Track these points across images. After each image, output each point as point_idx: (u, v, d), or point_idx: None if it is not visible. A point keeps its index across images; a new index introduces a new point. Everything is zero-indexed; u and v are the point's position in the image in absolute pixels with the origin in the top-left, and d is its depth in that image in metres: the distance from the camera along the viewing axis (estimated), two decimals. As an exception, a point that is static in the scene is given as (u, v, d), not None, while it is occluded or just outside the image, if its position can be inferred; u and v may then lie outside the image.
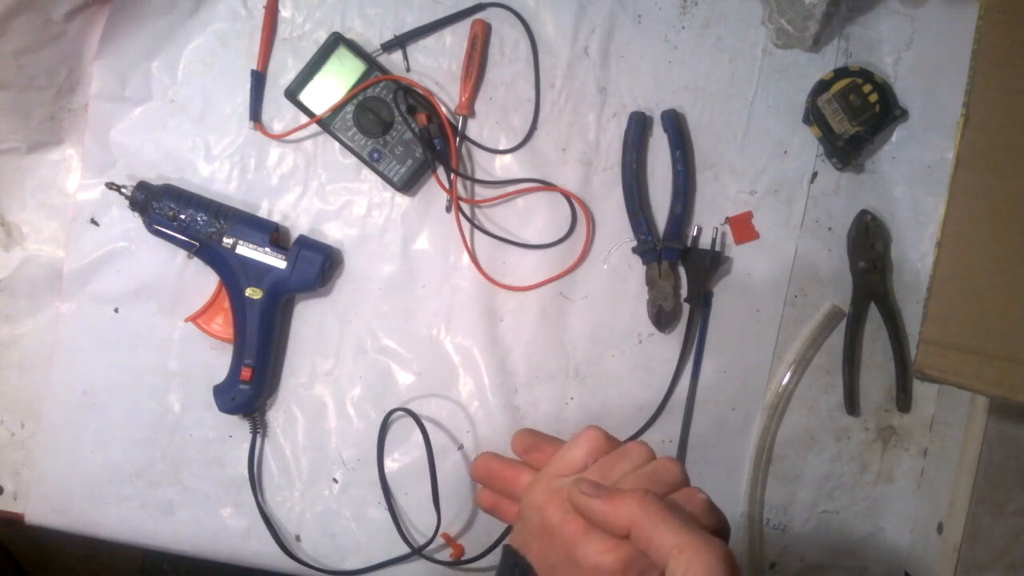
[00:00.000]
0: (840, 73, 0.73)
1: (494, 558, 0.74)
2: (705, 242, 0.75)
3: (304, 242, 0.75)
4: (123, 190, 0.74)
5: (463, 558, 0.74)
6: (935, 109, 0.74)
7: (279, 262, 0.73)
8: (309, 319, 0.78)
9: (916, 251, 0.75)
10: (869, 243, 0.74)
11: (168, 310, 0.77)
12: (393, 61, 0.76)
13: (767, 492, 0.76)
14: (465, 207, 0.76)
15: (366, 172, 0.76)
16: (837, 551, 0.76)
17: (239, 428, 0.77)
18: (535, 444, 0.51)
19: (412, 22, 0.76)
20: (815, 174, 0.75)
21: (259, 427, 0.76)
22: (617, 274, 0.76)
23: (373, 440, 0.76)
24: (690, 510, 0.40)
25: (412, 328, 0.77)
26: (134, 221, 0.76)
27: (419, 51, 0.76)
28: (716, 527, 0.40)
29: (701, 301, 0.75)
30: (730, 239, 0.76)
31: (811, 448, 0.76)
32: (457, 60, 0.76)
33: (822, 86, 0.73)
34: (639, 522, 0.38)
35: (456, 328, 0.77)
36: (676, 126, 0.74)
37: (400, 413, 0.76)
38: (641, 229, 0.74)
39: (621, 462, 0.44)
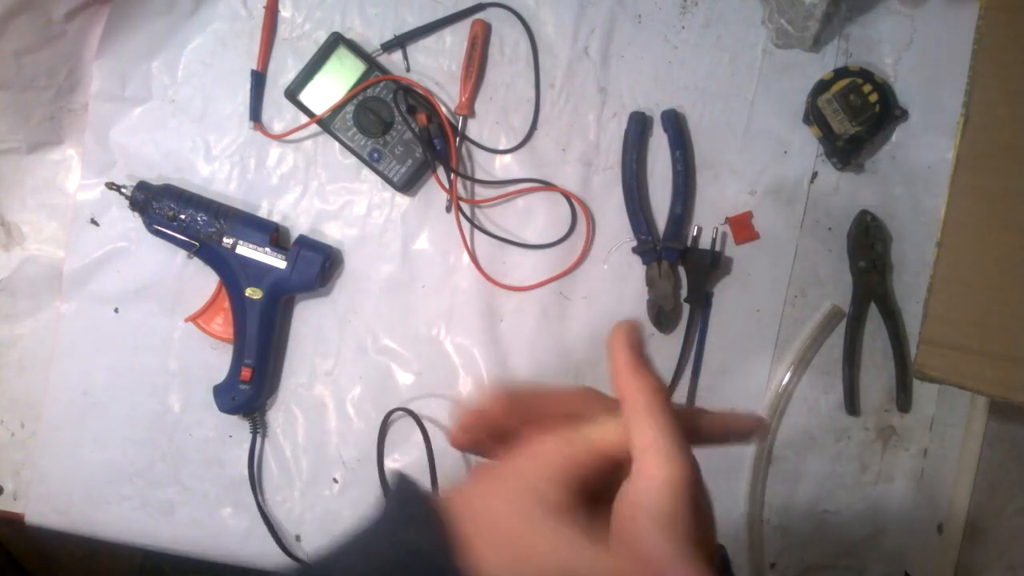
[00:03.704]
0: (840, 73, 0.73)
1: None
2: (705, 242, 0.75)
3: (304, 242, 0.75)
4: (123, 190, 0.74)
5: (463, 558, 0.74)
6: (935, 109, 0.74)
7: (279, 262, 0.73)
8: (309, 319, 0.78)
9: (916, 251, 0.75)
10: (869, 243, 0.73)
11: (168, 310, 0.77)
12: (393, 61, 0.76)
13: (767, 492, 0.76)
14: (465, 207, 0.76)
15: (366, 172, 0.76)
16: (837, 551, 0.76)
17: (239, 428, 0.77)
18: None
19: (412, 22, 0.76)
20: (815, 174, 0.75)
21: (259, 427, 0.76)
22: (617, 274, 0.76)
23: (373, 440, 0.76)
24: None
25: (412, 328, 0.77)
26: (134, 221, 0.76)
27: (419, 51, 0.76)
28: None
29: (701, 301, 0.75)
30: (730, 239, 0.76)
31: (811, 448, 0.76)
32: (457, 60, 0.76)
33: (822, 86, 0.73)
34: (638, 404, 0.35)
35: (456, 328, 0.77)
36: (676, 126, 0.74)
37: (400, 413, 0.76)
38: (641, 229, 0.74)
39: None
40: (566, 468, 0.35)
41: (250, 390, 0.74)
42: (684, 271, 0.75)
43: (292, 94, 0.75)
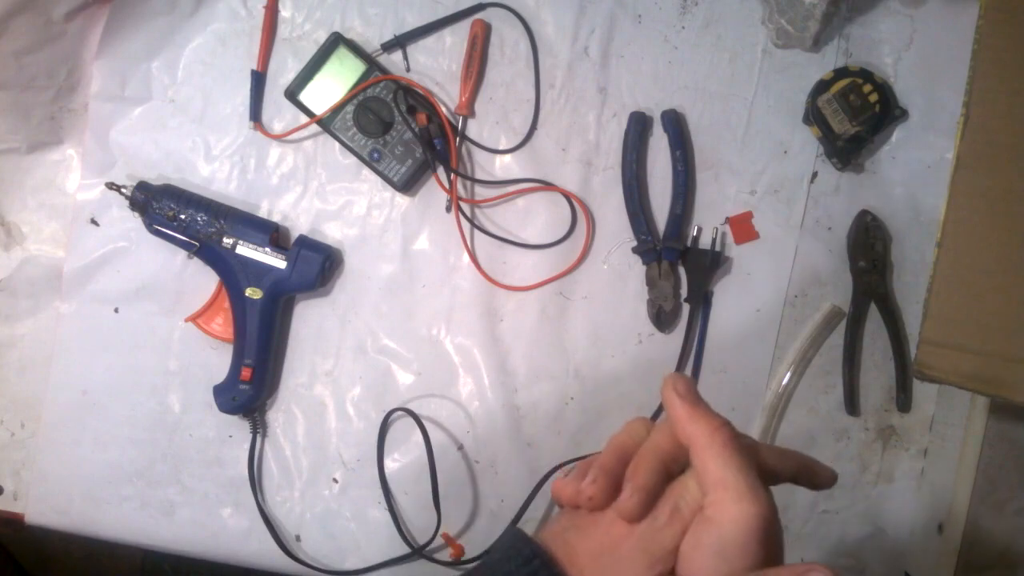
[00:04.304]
0: (840, 73, 0.73)
1: (494, 558, 0.74)
2: (705, 242, 0.75)
3: (304, 242, 0.75)
4: (123, 190, 0.74)
5: (463, 558, 0.74)
6: (935, 109, 0.74)
7: (279, 262, 0.73)
8: (309, 319, 0.78)
9: (916, 251, 0.75)
10: (869, 243, 0.74)
11: (168, 310, 0.77)
12: (393, 61, 0.76)
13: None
14: (465, 207, 0.76)
15: (366, 172, 0.76)
16: (837, 551, 0.76)
17: (239, 428, 0.77)
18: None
19: (412, 22, 0.76)
20: (815, 174, 0.75)
21: (259, 427, 0.76)
22: (617, 274, 0.76)
23: (373, 440, 0.76)
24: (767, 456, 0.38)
25: (412, 328, 0.77)
26: (134, 221, 0.76)
27: (419, 51, 0.76)
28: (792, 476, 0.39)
29: (701, 301, 0.75)
30: (730, 239, 0.76)
31: (811, 448, 0.76)
32: (457, 60, 0.76)
33: (822, 86, 0.73)
34: (701, 444, 0.36)
35: (456, 328, 0.77)
36: (676, 126, 0.74)
37: (400, 413, 0.76)
38: (641, 229, 0.74)
39: None
40: (678, 541, 0.36)
41: (250, 390, 0.74)
42: (684, 271, 0.75)
43: (292, 94, 0.75)
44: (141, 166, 0.77)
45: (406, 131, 0.74)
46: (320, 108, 0.74)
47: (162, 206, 0.73)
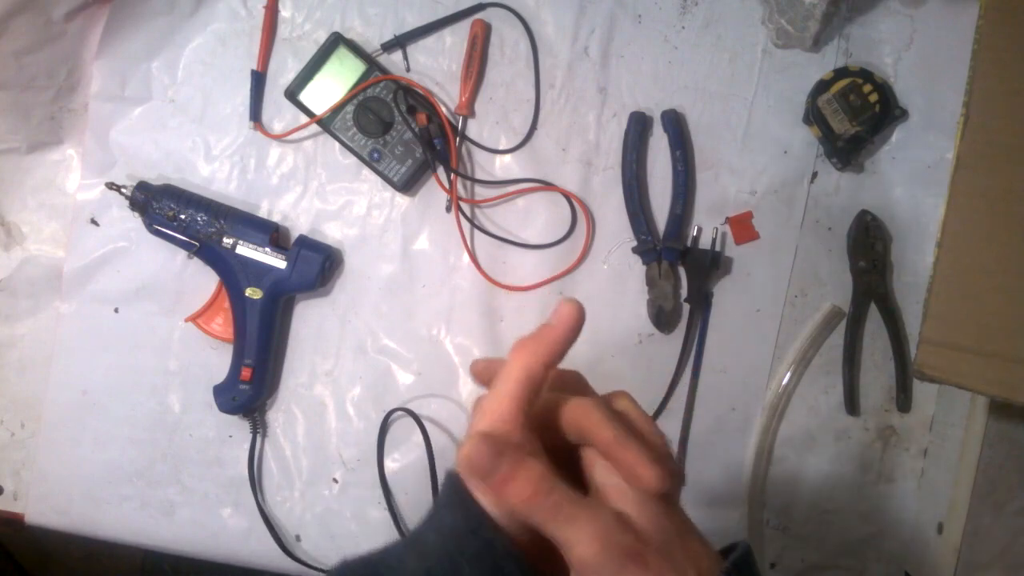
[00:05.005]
0: (840, 73, 0.73)
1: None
2: (705, 242, 0.75)
3: (304, 242, 0.75)
4: (123, 190, 0.74)
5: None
6: (935, 109, 0.74)
7: (279, 262, 0.73)
8: (309, 319, 0.78)
9: (916, 251, 0.75)
10: (869, 243, 0.74)
11: (168, 310, 0.77)
12: (393, 61, 0.76)
13: (767, 492, 0.76)
14: (465, 207, 0.76)
15: (366, 172, 0.76)
16: (837, 551, 0.76)
17: (239, 428, 0.77)
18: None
19: (412, 22, 0.76)
20: (815, 174, 0.75)
21: (259, 427, 0.76)
22: (617, 274, 0.76)
23: (373, 440, 0.76)
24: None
25: (412, 328, 0.77)
26: (134, 221, 0.76)
27: (419, 51, 0.76)
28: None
29: (701, 301, 0.75)
30: (730, 239, 0.76)
31: (811, 448, 0.76)
32: (457, 60, 0.76)
33: (822, 86, 0.73)
34: (532, 518, 0.36)
35: (456, 328, 0.77)
36: (676, 126, 0.74)
37: (400, 413, 0.76)
38: (641, 229, 0.74)
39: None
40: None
41: (250, 390, 0.74)
42: (684, 271, 0.75)
43: (292, 94, 0.75)
44: (141, 166, 0.77)
45: (406, 131, 0.74)
46: (320, 108, 0.74)
47: (162, 206, 0.73)
